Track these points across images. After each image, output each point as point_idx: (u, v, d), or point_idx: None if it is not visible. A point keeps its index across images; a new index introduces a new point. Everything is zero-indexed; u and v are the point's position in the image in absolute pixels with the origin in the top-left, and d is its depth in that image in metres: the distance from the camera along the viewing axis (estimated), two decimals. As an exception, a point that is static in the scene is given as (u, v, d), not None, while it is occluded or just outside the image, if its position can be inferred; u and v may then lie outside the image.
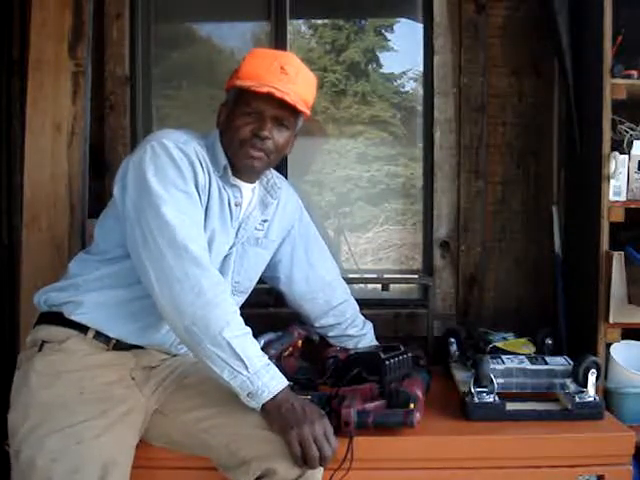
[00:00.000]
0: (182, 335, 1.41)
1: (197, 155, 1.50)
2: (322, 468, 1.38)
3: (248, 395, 1.36)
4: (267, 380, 1.35)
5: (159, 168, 1.45)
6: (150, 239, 1.41)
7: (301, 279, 1.84)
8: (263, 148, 1.52)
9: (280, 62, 1.50)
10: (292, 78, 1.50)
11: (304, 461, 1.33)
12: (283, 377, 1.40)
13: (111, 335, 1.51)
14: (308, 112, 1.55)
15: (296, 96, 1.49)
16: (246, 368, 1.34)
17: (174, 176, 1.45)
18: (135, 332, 1.53)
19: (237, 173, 1.58)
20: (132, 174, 1.47)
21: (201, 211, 1.50)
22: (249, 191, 1.64)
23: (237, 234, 1.63)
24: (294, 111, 1.51)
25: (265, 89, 1.45)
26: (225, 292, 1.42)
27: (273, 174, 1.71)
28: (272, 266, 1.81)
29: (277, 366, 1.68)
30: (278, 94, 1.46)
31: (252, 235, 1.67)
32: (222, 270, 1.61)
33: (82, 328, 1.51)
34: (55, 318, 1.52)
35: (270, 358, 1.64)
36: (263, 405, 1.36)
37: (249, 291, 1.73)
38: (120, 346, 1.53)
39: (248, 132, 1.50)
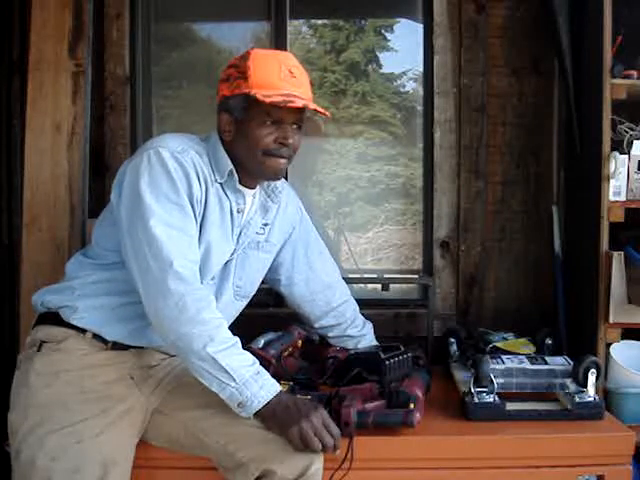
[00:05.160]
0: (170, 347, 1.44)
1: (194, 165, 1.48)
2: (321, 468, 1.39)
3: (238, 405, 1.36)
4: (256, 390, 1.36)
5: (153, 179, 1.44)
6: (138, 251, 1.41)
7: (301, 281, 1.84)
8: (286, 155, 1.53)
9: (286, 65, 1.50)
10: (299, 80, 1.51)
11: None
12: (274, 384, 1.39)
13: (108, 338, 1.51)
14: (327, 113, 1.56)
15: (309, 98, 1.51)
16: (233, 380, 1.35)
17: (167, 188, 1.44)
18: (132, 334, 1.52)
19: (241, 179, 1.56)
20: (127, 182, 1.46)
21: (193, 224, 1.48)
22: (250, 196, 1.63)
23: (238, 240, 1.62)
24: (303, 110, 1.52)
25: (299, 103, 1.46)
26: (208, 307, 1.40)
27: None
28: (273, 268, 1.81)
29: (277, 366, 1.70)
30: (312, 106, 1.48)
31: (253, 239, 1.67)
32: (223, 276, 1.61)
33: (80, 329, 1.50)
34: (53, 318, 1.52)
35: (266, 360, 1.65)
36: (256, 413, 1.36)
37: (251, 295, 1.72)
38: (119, 346, 1.52)
39: (272, 141, 1.50)
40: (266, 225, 1.69)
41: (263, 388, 1.36)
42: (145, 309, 1.42)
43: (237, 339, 1.41)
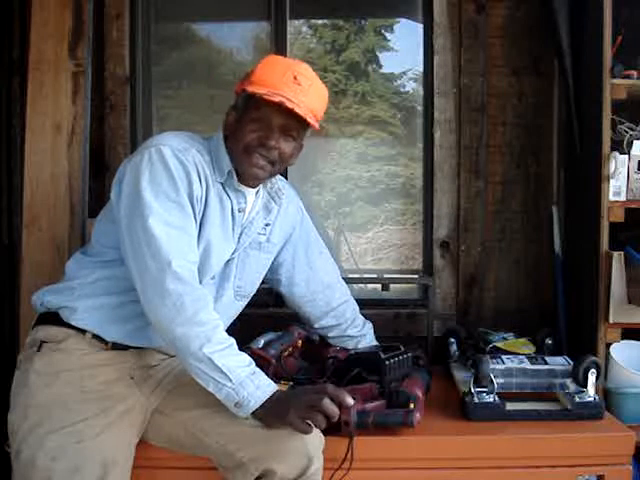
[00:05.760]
0: (168, 346, 1.44)
1: (195, 164, 1.48)
2: (321, 467, 1.39)
3: (235, 405, 1.36)
4: (252, 390, 1.35)
5: (153, 177, 1.43)
6: (137, 249, 1.41)
7: (301, 281, 1.83)
8: (268, 157, 1.51)
9: (294, 72, 1.48)
10: (304, 89, 1.48)
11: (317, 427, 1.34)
12: (271, 384, 1.39)
13: (108, 339, 1.51)
14: (317, 125, 1.52)
15: (306, 108, 1.47)
16: (230, 380, 1.34)
17: (167, 186, 1.44)
18: (131, 334, 1.52)
19: (241, 178, 1.56)
20: (127, 179, 1.46)
21: (193, 223, 1.48)
22: (252, 196, 1.62)
23: (239, 239, 1.62)
24: (302, 123, 1.49)
25: (277, 98, 1.43)
26: (206, 307, 1.40)
27: (277, 178, 1.69)
28: (273, 268, 1.80)
29: (277, 366, 1.70)
30: (289, 105, 1.44)
31: (255, 239, 1.66)
32: (224, 275, 1.61)
33: (80, 329, 1.50)
34: (53, 318, 1.52)
35: (266, 360, 1.65)
36: (253, 413, 1.36)
37: (251, 295, 1.71)
38: (119, 346, 1.52)
39: (255, 139, 1.49)
40: (268, 225, 1.69)
41: (259, 388, 1.36)
42: (143, 308, 1.42)
43: (233, 340, 1.40)
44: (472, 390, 1.61)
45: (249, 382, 1.35)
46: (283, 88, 1.46)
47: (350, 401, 1.37)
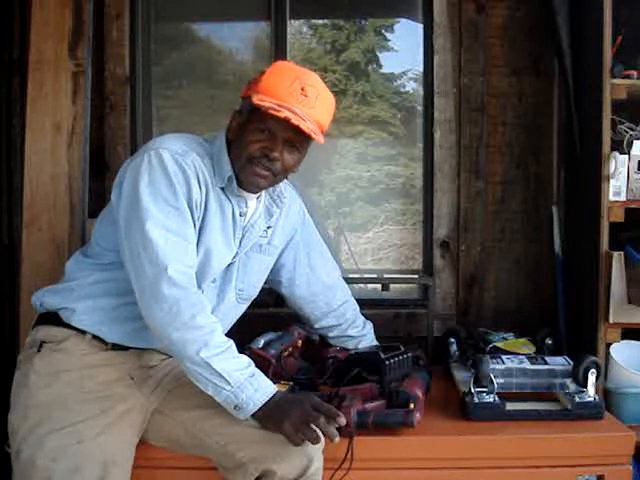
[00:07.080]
0: (166, 350, 1.44)
1: (195, 169, 1.47)
2: (321, 467, 1.40)
3: (235, 408, 1.36)
4: (251, 393, 1.35)
5: (152, 181, 1.43)
6: (135, 253, 1.41)
7: (302, 282, 1.83)
8: (271, 168, 1.49)
9: (301, 82, 1.46)
10: (311, 101, 1.46)
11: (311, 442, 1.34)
12: (270, 386, 1.39)
13: (107, 340, 1.51)
14: (321, 139, 1.48)
15: (312, 122, 1.45)
16: (228, 383, 1.34)
17: (166, 191, 1.43)
18: (131, 335, 1.52)
19: (241, 185, 1.55)
20: (127, 182, 1.46)
21: (191, 227, 1.47)
22: (253, 200, 1.61)
23: (240, 243, 1.61)
24: (308, 136, 1.47)
25: (283, 114, 1.41)
26: (203, 312, 1.39)
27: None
28: (275, 270, 1.80)
29: (277, 366, 1.70)
30: (294, 121, 1.41)
31: (256, 243, 1.66)
32: (225, 278, 1.61)
33: (80, 329, 1.50)
34: (53, 319, 1.51)
35: (266, 360, 1.64)
36: (252, 415, 1.36)
37: (253, 298, 1.71)
38: (118, 347, 1.52)
39: (258, 150, 1.47)
40: (269, 228, 1.69)
41: (258, 390, 1.36)
42: (141, 311, 1.41)
43: (232, 342, 1.40)
44: (472, 390, 1.61)
45: (248, 385, 1.35)
46: (290, 100, 1.44)
47: (343, 421, 1.36)
